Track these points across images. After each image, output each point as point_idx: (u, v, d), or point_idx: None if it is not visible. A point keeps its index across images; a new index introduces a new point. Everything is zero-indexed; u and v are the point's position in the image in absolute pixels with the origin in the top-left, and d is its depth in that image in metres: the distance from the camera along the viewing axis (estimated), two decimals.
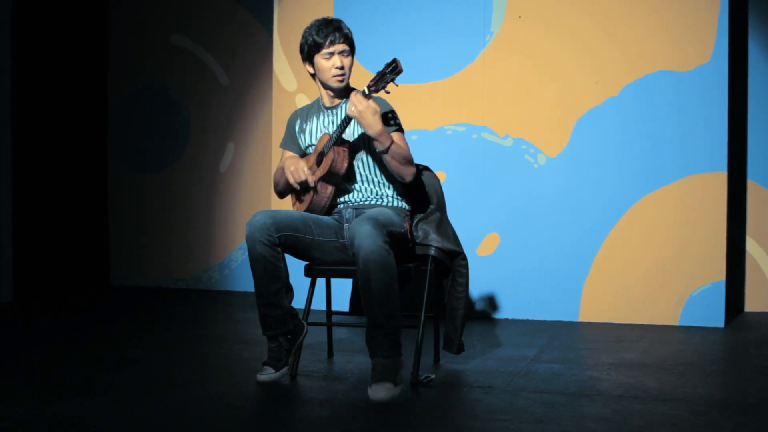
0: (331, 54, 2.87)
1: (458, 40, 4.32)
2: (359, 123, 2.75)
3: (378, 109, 2.77)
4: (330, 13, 4.48)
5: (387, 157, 2.80)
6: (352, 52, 2.93)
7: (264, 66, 5.23)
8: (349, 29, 2.93)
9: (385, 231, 2.62)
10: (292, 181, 2.89)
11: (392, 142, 2.78)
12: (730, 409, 2.49)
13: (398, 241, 2.78)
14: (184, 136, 5.58)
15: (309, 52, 2.90)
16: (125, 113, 5.74)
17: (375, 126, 2.74)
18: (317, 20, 2.93)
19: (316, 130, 3.00)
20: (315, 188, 2.90)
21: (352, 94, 2.79)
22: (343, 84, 2.92)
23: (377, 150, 2.81)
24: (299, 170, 2.88)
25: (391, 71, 2.71)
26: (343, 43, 2.87)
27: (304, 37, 2.92)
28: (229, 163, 5.48)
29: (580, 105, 4.18)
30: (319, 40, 2.87)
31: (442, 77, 4.35)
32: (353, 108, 2.73)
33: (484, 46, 4.29)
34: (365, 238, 2.56)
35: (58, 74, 5.39)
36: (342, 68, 2.88)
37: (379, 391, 2.54)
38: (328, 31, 2.87)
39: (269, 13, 4.86)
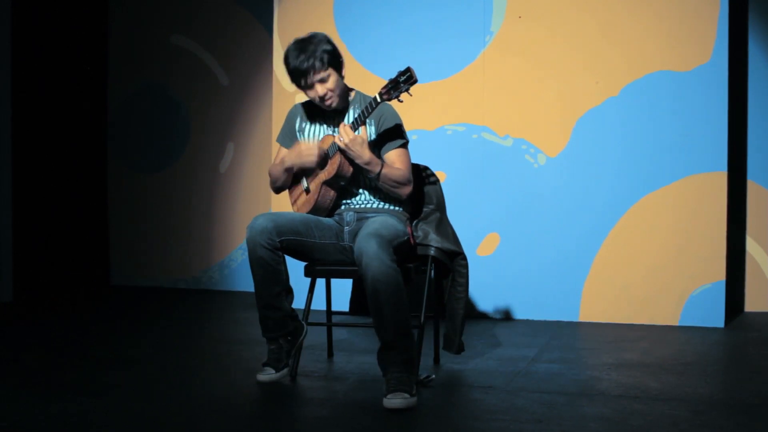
0: (311, 86, 2.81)
1: (458, 40, 4.32)
2: (346, 154, 2.74)
3: (365, 138, 2.74)
4: (330, 14, 4.49)
5: (379, 182, 2.80)
6: (334, 66, 2.82)
7: (264, 66, 5.23)
8: (327, 44, 2.81)
9: (392, 248, 2.59)
10: (313, 159, 2.84)
11: (382, 167, 2.77)
12: (730, 409, 2.49)
13: (403, 250, 2.78)
14: (184, 136, 5.58)
15: (292, 80, 2.85)
16: (125, 113, 5.74)
17: (362, 156, 2.73)
18: (292, 46, 2.82)
19: (319, 132, 2.98)
20: (319, 189, 2.89)
21: (340, 126, 2.75)
22: (335, 104, 2.87)
23: (368, 176, 2.82)
24: (312, 149, 2.84)
25: (405, 81, 2.63)
26: (319, 71, 2.77)
27: (284, 62, 2.84)
28: (229, 163, 5.48)
29: (580, 105, 4.18)
30: (293, 79, 2.82)
31: (442, 77, 4.35)
32: (340, 140, 2.73)
33: (484, 46, 4.29)
34: (373, 259, 2.51)
35: (58, 74, 5.39)
36: (325, 95, 2.82)
37: (395, 400, 2.45)
38: (299, 63, 2.77)
39: (269, 13, 4.86)
